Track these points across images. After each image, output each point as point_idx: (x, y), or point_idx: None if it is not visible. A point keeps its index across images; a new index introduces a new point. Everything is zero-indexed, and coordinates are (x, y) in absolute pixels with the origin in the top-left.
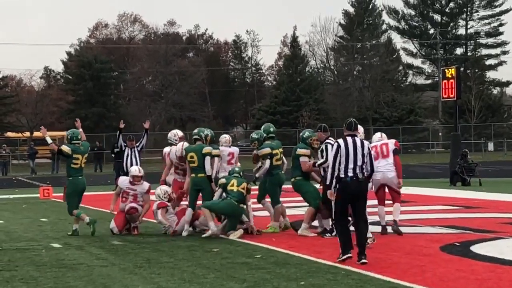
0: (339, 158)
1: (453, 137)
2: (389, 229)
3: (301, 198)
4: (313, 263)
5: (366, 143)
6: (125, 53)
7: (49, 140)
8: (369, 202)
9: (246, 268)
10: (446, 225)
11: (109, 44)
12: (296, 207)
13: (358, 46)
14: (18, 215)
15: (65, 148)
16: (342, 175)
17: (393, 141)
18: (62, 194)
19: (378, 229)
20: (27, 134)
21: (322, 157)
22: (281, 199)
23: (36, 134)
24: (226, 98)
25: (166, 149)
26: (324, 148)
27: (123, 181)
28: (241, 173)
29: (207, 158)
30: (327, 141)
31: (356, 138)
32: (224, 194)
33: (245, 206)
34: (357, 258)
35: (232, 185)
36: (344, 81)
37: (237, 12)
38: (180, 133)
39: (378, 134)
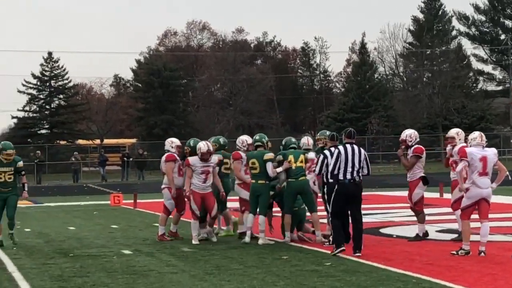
0: (339, 163)
1: None
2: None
3: None
4: (383, 271)
5: (362, 150)
6: (194, 60)
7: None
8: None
9: (316, 275)
10: None
11: (178, 52)
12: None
13: (428, 52)
14: (89, 222)
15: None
16: (341, 178)
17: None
18: (132, 201)
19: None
20: (98, 141)
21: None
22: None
23: (107, 141)
24: (294, 105)
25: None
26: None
27: (195, 162)
28: (297, 144)
29: (269, 164)
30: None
31: (354, 145)
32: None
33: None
34: (353, 251)
35: (290, 162)
36: (413, 87)
37: (305, 19)
38: (249, 139)
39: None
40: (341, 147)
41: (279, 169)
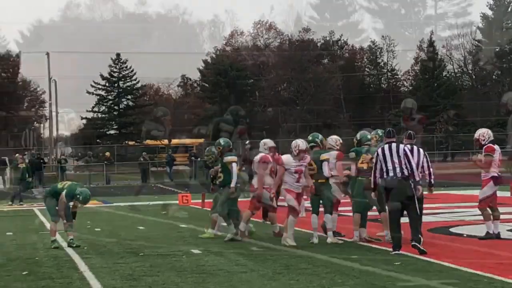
0: (380, 163)
1: None
2: None
3: None
4: (453, 270)
5: (402, 147)
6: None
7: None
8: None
9: (386, 275)
10: None
11: (245, 52)
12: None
13: (497, 49)
14: (158, 222)
15: None
16: (384, 175)
17: None
18: (200, 201)
19: None
20: (165, 141)
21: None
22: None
23: (174, 141)
24: (361, 104)
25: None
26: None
27: (289, 161)
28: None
29: (325, 164)
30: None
31: (392, 144)
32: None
33: None
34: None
35: (362, 162)
36: (482, 85)
37: (372, 18)
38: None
39: None
40: (379, 149)
41: (334, 172)
